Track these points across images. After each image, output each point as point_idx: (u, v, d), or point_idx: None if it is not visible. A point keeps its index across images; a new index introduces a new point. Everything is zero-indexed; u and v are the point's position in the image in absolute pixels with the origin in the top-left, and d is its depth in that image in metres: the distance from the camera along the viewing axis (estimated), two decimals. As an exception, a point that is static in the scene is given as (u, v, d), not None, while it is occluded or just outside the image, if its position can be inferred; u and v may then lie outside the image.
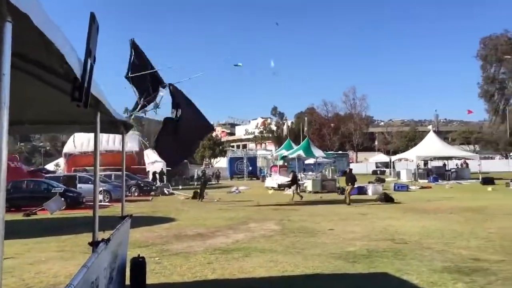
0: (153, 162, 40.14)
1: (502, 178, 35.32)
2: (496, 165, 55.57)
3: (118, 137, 31.19)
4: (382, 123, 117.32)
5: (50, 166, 48.28)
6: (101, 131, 7.26)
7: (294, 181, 24.24)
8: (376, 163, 66.09)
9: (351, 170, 24.13)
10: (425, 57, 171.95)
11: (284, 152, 33.42)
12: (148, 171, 39.69)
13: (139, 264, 6.55)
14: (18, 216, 18.35)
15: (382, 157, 68.38)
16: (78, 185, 24.55)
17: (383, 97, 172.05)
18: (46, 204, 18.68)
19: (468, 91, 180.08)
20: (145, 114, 14.60)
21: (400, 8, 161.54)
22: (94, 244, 4.22)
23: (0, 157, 1.76)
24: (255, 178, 49.51)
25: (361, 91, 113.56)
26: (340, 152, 67.44)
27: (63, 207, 19.68)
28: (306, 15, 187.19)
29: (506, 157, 65.17)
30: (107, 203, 23.50)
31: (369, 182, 30.02)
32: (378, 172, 55.78)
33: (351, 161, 71.35)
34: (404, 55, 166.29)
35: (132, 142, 34.54)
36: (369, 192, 26.84)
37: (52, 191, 20.54)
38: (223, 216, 17.03)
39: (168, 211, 19.12)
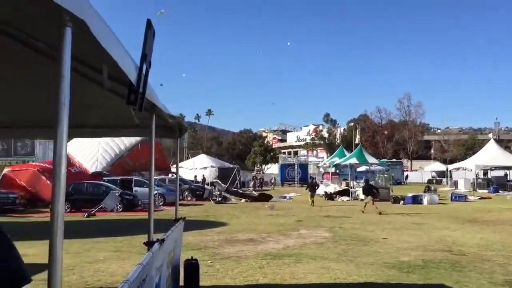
0: (205, 167, 40.79)
1: None
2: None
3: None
4: (439, 130, 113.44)
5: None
6: (157, 135, 7.46)
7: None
8: (432, 171, 63.88)
9: (367, 181, 23.92)
10: (485, 62, 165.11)
11: (337, 160, 33.02)
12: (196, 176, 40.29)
13: (192, 266, 6.66)
14: (79, 217, 19.16)
15: (438, 166, 66.04)
16: (134, 188, 25.29)
17: (439, 104, 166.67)
18: (103, 202, 19.50)
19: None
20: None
21: (460, 11, 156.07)
22: (149, 244, 4.32)
23: (60, 155, 1.84)
24: (306, 185, 49.04)
25: (416, 98, 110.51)
26: (394, 160, 65.72)
27: (119, 204, 20.43)
28: (360, 19, 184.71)
29: None
30: (160, 206, 24.04)
31: (424, 191, 29.03)
32: (434, 181, 53.86)
33: (405, 169, 69.40)
34: (463, 61, 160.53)
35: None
36: (425, 201, 25.97)
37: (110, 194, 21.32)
38: (274, 222, 17.00)
39: (220, 216, 19.33)
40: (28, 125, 6.23)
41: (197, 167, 41.17)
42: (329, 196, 30.26)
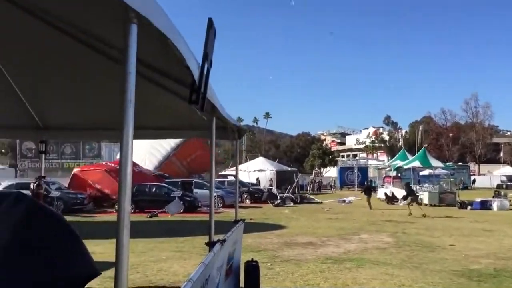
0: (263, 170, 40.85)
1: None
2: None
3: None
4: (509, 133, 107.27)
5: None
6: (216, 137, 7.46)
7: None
8: (501, 176, 60.39)
9: (407, 184, 25.00)
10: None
11: (399, 163, 32.01)
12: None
13: (252, 268, 6.62)
14: (142, 217, 19.78)
15: (509, 170, 62.37)
16: (194, 190, 25.77)
17: (510, 105, 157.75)
18: (167, 207, 19.99)
19: None
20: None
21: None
22: (211, 244, 4.33)
23: (127, 153, 1.84)
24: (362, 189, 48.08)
25: (484, 98, 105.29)
26: (460, 163, 62.79)
27: (181, 210, 20.87)
28: (422, 16, 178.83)
29: None
30: (220, 209, 24.34)
31: (493, 197, 27.45)
32: (504, 186, 50.87)
33: (472, 173, 66.10)
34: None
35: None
36: (494, 207, 24.56)
37: (171, 195, 21.88)
38: (334, 225, 16.71)
39: (278, 219, 19.26)
40: (95, 127, 6.48)
41: (255, 170, 41.20)
42: (390, 200, 29.42)
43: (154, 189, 22.60)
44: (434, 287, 7.41)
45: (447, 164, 44.37)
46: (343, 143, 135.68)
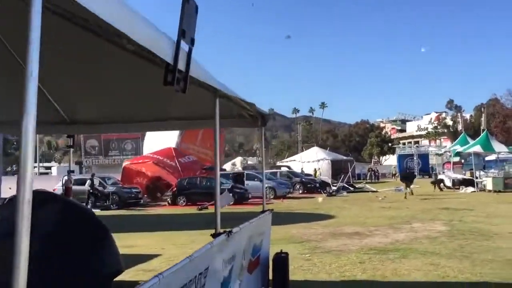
0: (318, 160, 40.33)
1: None
2: None
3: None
4: None
5: (227, 166, 50.55)
6: (237, 125, 7.21)
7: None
8: None
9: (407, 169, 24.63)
10: None
11: (458, 148, 30.40)
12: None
13: (281, 260, 6.38)
14: (192, 210, 20.05)
15: None
16: (246, 182, 25.80)
17: None
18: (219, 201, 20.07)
19: None
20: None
21: None
22: (215, 236, 4.14)
23: (27, 141, 1.65)
24: (427, 176, 46.14)
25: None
26: (530, 146, 58.76)
27: (232, 202, 20.89)
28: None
29: None
30: (271, 200, 24.21)
31: None
32: None
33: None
34: None
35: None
36: None
37: (221, 187, 21.93)
38: (386, 214, 16.07)
39: (329, 208, 18.80)
40: (118, 120, 6.49)
41: (310, 160, 40.75)
42: (438, 185, 28.29)
43: (204, 182, 22.80)
44: (481, 277, 6.83)
45: (513, 147, 41.71)
46: (403, 130, 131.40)
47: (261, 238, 6.28)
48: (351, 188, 29.36)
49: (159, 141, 29.53)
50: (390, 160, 67.64)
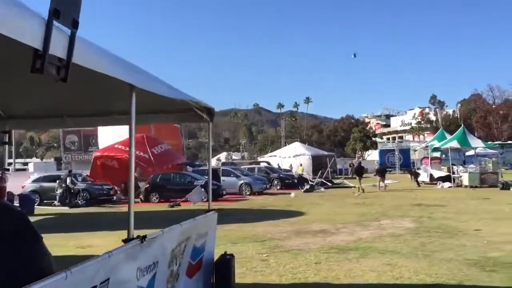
0: (298, 155, 40.13)
1: None
2: None
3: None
4: None
5: (213, 161, 50.06)
6: (182, 120, 6.91)
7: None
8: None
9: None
10: None
11: (436, 143, 30.40)
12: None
13: (224, 262, 6.07)
14: (163, 207, 19.64)
15: None
16: (222, 178, 25.45)
17: None
18: (189, 196, 19.72)
19: None
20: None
21: None
22: (127, 241, 3.79)
23: None
24: (408, 172, 46.24)
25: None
26: (509, 142, 59.30)
27: (205, 198, 20.54)
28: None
29: None
30: (247, 196, 23.93)
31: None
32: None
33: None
34: None
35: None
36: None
37: (194, 183, 21.59)
38: (357, 211, 15.88)
39: (302, 205, 18.53)
40: (57, 115, 6.13)
41: (290, 155, 40.53)
42: (415, 178, 28.51)
43: (177, 178, 22.38)
44: (436, 279, 6.60)
45: (493, 143, 42.01)
46: (388, 126, 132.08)
47: (204, 239, 5.96)
48: (329, 184, 29.13)
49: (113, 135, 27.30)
50: (374, 155, 67.69)
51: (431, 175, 28.87)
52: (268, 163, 38.89)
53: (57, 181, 21.87)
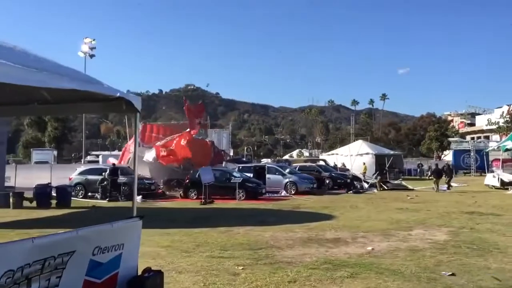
0: (361, 154, 38.10)
1: None
2: None
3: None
4: None
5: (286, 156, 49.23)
6: (102, 111, 6.20)
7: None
8: None
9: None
10: None
11: (509, 144, 27.24)
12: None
13: (138, 282, 5.13)
14: (196, 204, 19.10)
15: None
16: (267, 176, 24.49)
17: None
18: (201, 175, 19.74)
19: None
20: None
21: None
22: None
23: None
24: (484, 174, 42.24)
25: None
26: None
27: (213, 180, 19.94)
28: None
29: None
30: (292, 196, 22.73)
31: None
32: None
33: None
34: None
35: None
36: None
37: (232, 181, 20.86)
38: (393, 217, 14.18)
39: (338, 208, 17.03)
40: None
41: (353, 154, 38.46)
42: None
43: (216, 175, 21.67)
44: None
45: None
46: (473, 124, 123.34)
47: (117, 252, 5.06)
48: (385, 187, 27.01)
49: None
50: (450, 156, 63.15)
51: (501, 179, 25.83)
52: (325, 161, 37.24)
53: (103, 174, 22.11)
